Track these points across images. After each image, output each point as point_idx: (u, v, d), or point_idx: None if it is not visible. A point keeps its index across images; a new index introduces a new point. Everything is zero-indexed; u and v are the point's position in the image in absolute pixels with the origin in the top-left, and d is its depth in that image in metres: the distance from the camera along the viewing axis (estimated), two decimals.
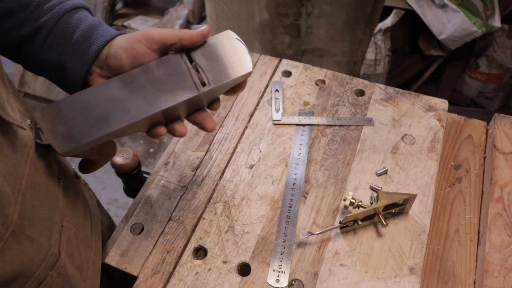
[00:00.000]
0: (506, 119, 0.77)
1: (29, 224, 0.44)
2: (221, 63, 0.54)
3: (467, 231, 0.67)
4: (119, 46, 0.54)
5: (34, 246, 0.44)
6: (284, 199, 0.68)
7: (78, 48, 0.54)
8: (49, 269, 0.46)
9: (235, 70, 0.53)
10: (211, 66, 0.53)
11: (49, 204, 0.48)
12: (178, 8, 2.22)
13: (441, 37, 1.81)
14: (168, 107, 0.51)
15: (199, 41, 0.54)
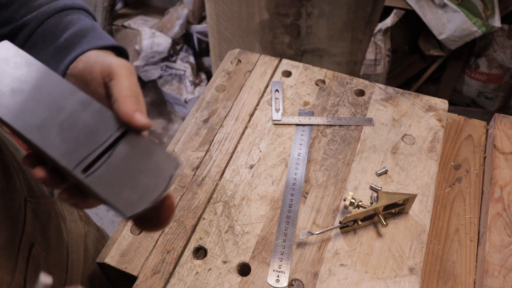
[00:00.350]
0: (506, 119, 0.77)
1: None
2: (123, 176, 0.39)
3: (467, 231, 0.67)
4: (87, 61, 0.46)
5: None
6: (284, 199, 0.68)
7: (59, 54, 0.48)
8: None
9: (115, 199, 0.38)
10: (119, 167, 0.40)
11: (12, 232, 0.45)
12: (178, 8, 2.22)
13: (441, 37, 1.81)
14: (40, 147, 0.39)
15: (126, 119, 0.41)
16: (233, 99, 0.82)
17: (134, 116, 0.40)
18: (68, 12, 0.50)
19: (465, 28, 1.74)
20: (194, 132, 0.77)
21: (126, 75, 0.43)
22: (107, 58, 0.45)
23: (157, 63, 2.16)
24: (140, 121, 0.40)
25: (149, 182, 0.38)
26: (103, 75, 0.44)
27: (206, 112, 0.80)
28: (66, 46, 0.48)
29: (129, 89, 0.42)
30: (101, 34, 0.50)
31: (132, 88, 0.42)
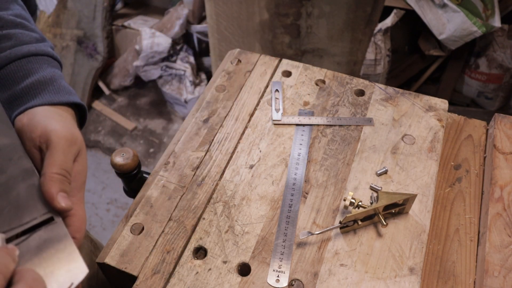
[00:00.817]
0: (506, 119, 0.77)
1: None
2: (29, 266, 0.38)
3: (467, 231, 0.67)
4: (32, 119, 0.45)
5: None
6: (284, 199, 0.68)
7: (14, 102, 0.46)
8: None
9: None
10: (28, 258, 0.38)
11: None
12: (178, 8, 2.22)
13: (441, 37, 1.81)
14: None
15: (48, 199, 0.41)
16: (233, 99, 0.82)
17: (54, 199, 0.39)
18: (31, 59, 0.48)
19: (465, 28, 1.74)
20: (194, 132, 0.77)
21: (62, 149, 0.42)
22: (51, 123, 0.43)
23: (157, 63, 2.16)
24: (59, 204, 0.40)
25: (51, 284, 0.37)
26: (40, 140, 0.42)
27: (206, 112, 0.80)
28: (21, 96, 0.46)
29: (59, 165, 0.41)
30: (60, 88, 0.48)
31: (64, 164, 0.41)
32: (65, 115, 0.47)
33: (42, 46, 0.50)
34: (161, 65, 2.16)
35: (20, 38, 0.49)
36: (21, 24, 0.50)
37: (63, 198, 0.40)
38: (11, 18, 0.50)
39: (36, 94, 0.46)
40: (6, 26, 0.49)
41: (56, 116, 0.46)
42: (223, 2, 1.46)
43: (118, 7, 2.42)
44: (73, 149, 0.43)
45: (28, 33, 0.50)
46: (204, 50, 2.27)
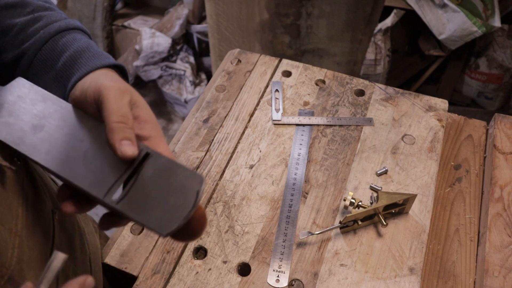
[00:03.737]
0: (506, 119, 0.77)
1: (27, 268, 0.41)
2: (151, 198, 0.40)
3: (467, 231, 0.67)
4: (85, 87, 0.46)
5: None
6: (284, 199, 0.68)
7: (60, 79, 0.48)
8: None
9: (147, 218, 0.40)
10: (147, 190, 0.41)
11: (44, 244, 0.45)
12: (178, 8, 2.22)
13: (441, 37, 1.81)
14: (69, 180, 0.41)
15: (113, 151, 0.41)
16: (233, 99, 0.82)
17: (117, 149, 0.40)
18: (63, 34, 0.50)
19: (465, 28, 1.74)
20: (194, 132, 0.77)
21: (114, 98, 0.42)
22: (99, 80, 0.45)
23: (157, 63, 2.16)
24: (121, 154, 0.40)
25: (177, 201, 0.40)
26: (95, 99, 0.43)
27: (206, 112, 0.80)
28: (64, 70, 0.48)
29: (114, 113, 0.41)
30: (97, 53, 0.49)
31: (119, 111, 0.42)
32: (110, 73, 0.49)
33: (71, 21, 0.52)
34: (161, 65, 2.16)
35: (50, 18, 0.51)
36: (50, 8, 0.53)
37: (127, 146, 0.40)
38: (40, 3, 0.52)
39: (78, 65, 0.48)
40: (37, 10, 0.51)
41: (102, 76, 0.47)
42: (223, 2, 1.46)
43: (118, 7, 2.42)
44: (125, 97, 0.43)
45: (56, 13, 0.52)
46: (204, 50, 2.27)
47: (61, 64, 0.48)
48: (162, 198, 0.40)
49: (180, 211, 0.39)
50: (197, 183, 0.40)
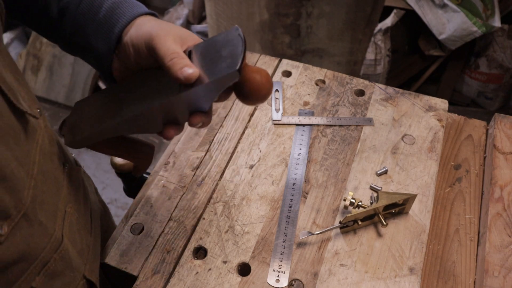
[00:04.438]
0: (506, 119, 0.77)
1: (39, 209, 0.46)
2: (211, 65, 0.47)
3: (467, 231, 0.67)
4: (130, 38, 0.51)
5: (41, 230, 0.46)
6: (284, 199, 0.68)
7: (103, 30, 0.52)
8: (53, 252, 0.48)
9: (216, 74, 0.46)
10: (202, 67, 0.48)
11: (55, 190, 0.50)
12: (178, 8, 2.22)
13: (441, 37, 1.81)
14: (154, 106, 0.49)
15: (179, 80, 0.47)
16: (233, 99, 0.82)
17: (180, 76, 0.46)
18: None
19: (465, 28, 1.74)
20: (194, 132, 0.77)
21: (164, 38, 0.49)
22: (144, 26, 0.50)
23: None
24: (187, 76, 0.46)
25: (229, 50, 0.47)
26: (146, 44, 0.49)
27: None
28: (106, 21, 0.52)
29: (168, 51, 0.47)
30: (133, 3, 0.54)
31: (170, 48, 0.48)
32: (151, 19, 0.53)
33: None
34: None
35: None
36: None
37: (187, 70, 0.46)
38: None
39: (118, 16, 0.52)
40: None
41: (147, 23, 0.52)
42: (223, 2, 1.46)
43: None
44: (172, 34, 0.49)
45: None
46: None
47: (101, 16, 0.52)
48: (218, 58, 0.47)
49: (237, 50, 0.46)
50: (235, 31, 0.47)
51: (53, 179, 0.50)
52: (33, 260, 0.46)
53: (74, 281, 0.54)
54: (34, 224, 0.45)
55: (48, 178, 0.49)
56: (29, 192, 0.44)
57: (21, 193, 0.43)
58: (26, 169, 0.44)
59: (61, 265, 0.50)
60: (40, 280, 0.47)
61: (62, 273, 0.51)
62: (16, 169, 0.42)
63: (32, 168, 0.45)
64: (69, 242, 0.52)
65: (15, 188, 0.42)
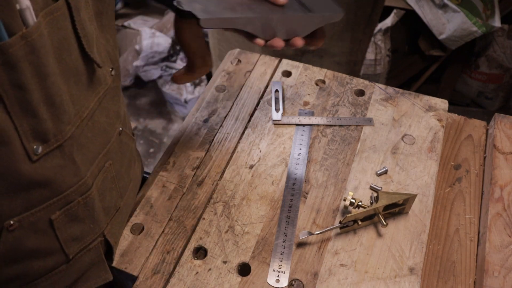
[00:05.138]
0: (506, 119, 0.77)
1: (77, 149, 0.48)
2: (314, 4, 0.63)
3: (467, 231, 0.67)
4: None
5: (73, 168, 0.49)
6: (284, 199, 0.68)
7: None
8: (79, 195, 0.51)
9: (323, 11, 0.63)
10: None
11: (101, 142, 0.53)
12: None
13: (441, 37, 1.81)
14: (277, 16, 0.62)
15: None
16: (233, 99, 0.82)
17: None
18: None
19: (465, 28, 1.74)
20: (194, 132, 0.77)
21: None
22: None
23: (157, 63, 2.16)
24: None
25: None
26: None
27: (206, 112, 0.80)
28: None
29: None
30: None
31: None
32: None
33: None
34: (161, 65, 2.16)
35: None
36: None
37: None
38: None
39: None
40: None
41: None
42: None
43: (118, 7, 2.42)
44: None
45: None
46: None
47: None
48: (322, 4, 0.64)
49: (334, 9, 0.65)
50: None
51: (102, 131, 0.53)
52: (58, 193, 0.48)
53: (92, 233, 0.55)
54: (67, 160, 0.47)
55: (97, 128, 0.52)
56: (71, 128, 0.47)
57: (64, 125, 0.45)
58: (76, 108, 0.47)
59: (84, 211, 0.52)
60: (60, 217, 0.49)
61: (83, 221, 0.53)
62: (66, 103, 0.45)
63: (83, 111, 0.48)
64: (98, 194, 0.54)
65: (60, 119, 0.44)
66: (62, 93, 0.44)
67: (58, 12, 0.42)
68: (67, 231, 0.51)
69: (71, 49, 0.44)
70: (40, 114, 0.42)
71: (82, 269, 0.56)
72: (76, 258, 0.54)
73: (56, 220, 0.49)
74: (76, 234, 0.53)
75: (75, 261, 0.54)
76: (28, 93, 0.40)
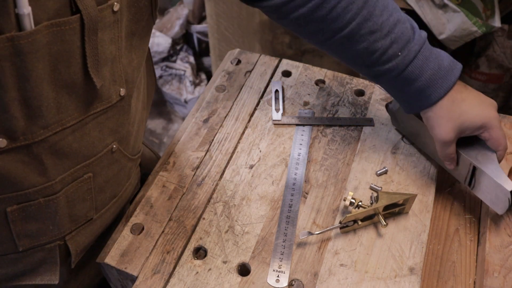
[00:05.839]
0: (506, 119, 0.77)
1: (50, 153, 0.48)
2: None
3: (467, 231, 0.67)
4: None
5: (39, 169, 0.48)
6: (284, 199, 0.68)
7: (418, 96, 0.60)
8: (41, 196, 0.50)
9: None
10: None
11: (84, 154, 0.53)
12: (178, 8, 2.22)
13: (441, 37, 1.81)
14: None
15: None
16: (233, 99, 0.82)
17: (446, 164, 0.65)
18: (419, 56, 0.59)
19: (465, 28, 1.74)
20: (194, 132, 0.77)
21: (499, 127, 0.60)
22: (482, 107, 0.59)
23: (157, 63, 2.16)
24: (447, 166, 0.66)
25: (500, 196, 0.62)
26: (482, 125, 0.59)
27: (206, 112, 0.80)
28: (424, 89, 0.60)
29: (503, 143, 0.59)
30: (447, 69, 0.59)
31: (503, 140, 0.60)
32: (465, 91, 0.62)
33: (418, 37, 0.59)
34: (161, 65, 2.16)
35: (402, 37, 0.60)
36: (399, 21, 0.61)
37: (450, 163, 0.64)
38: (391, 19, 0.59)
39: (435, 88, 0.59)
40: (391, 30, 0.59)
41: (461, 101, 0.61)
42: (223, 2, 1.46)
43: None
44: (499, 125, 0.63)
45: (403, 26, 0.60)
46: (204, 50, 2.27)
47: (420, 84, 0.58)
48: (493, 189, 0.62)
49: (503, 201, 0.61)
50: None
51: (89, 144, 0.52)
52: (18, 188, 0.48)
53: (50, 235, 0.55)
54: (33, 160, 0.47)
55: (85, 140, 0.51)
56: (46, 133, 0.46)
57: (37, 128, 0.45)
58: (61, 116, 0.47)
59: (45, 212, 0.52)
60: (17, 211, 0.50)
61: (42, 221, 0.53)
62: (46, 108, 0.45)
63: (68, 121, 0.48)
64: (65, 200, 0.53)
65: (34, 121, 0.44)
66: (44, 99, 0.44)
67: (68, 26, 0.42)
68: (22, 225, 0.52)
69: (72, 63, 0.45)
70: (12, 112, 0.42)
71: (32, 264, 0.57)
72: (27, 252, 0.55)
73: (12, 213, 0.50)
74: (31, 230, 0.53)
75: (25, 254, 0.55)
76: (2, 89, 0.41)
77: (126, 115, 0.56)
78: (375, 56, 0.58)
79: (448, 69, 0.58)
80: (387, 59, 0.58)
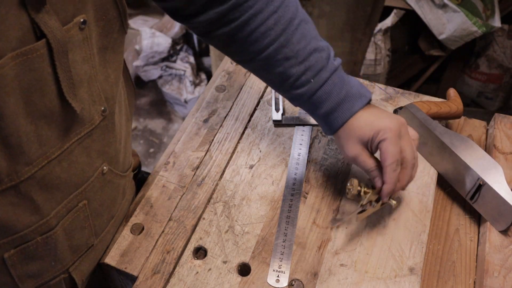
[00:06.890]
0: (506, 119, 0.77)
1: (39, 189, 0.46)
2: None
3: (467, 231, 0.67)
4: None
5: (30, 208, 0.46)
6: (284, 199, 0.68)
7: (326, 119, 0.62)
8: (38, 235, 0.48)
9: None
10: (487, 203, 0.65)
11: (75, 183, 0.51)
12: None
13: (441, 37, 1.81)
14: None
15: None
16: (233, 99, 0.82)
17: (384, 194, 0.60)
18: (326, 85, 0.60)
19: (465, 28, 1.74)
20: (194, 132, 0.77)
21: (392, 139, 0.58)
22: (377, 121, 0.59)
23: (157, 63, 2.16)
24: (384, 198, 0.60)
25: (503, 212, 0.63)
26: (373, 137, 0.59)
27: (206, 112, 0.80)
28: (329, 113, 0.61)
29: (392, 156, 0.58)
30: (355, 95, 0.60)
31: (394, 154, 0.58)
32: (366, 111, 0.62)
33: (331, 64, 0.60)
34: (161, 65, 2.16)
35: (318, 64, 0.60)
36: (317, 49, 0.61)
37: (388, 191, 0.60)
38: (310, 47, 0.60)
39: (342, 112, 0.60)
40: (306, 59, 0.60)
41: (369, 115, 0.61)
42: None
43: None
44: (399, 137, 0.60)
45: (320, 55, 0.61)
46: (204, 50, 2.27)
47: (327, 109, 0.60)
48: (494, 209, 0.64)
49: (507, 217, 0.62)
50: None
51: (79, 171, 0.50)
52: (11, 232, 0.46)
53: (53, 271, 0.53)
54: (23, 200, 0.45)
55: (74, 168, 0.49)
56: (32, 169, 0.44)
57: (20, 166, 0.43)
58: (44, 149, 0.44)
59: (44, 250, 0.50)
60: (15, 255, 0.48)
61: (42, 259, 0.51)
62: (26, 144, 0.42)
63: (52, 152, 0.45)
64: (63, 233, 0.51)
65: (16, 159, 0.42)
66: (23, 134, 0.41)
67: (35, 53, 0.39)
68: (22, 268, 0.49)
69: (46, 91, 0.41)
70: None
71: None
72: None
73: (10, 258, 0.47)
74: (33, 271, 0.51)
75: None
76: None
77: (111, 133, 0.54)
78: (289, 81, 0.60)
79: (356, 96, 0.60)
80: (300, 85, 0.59)
